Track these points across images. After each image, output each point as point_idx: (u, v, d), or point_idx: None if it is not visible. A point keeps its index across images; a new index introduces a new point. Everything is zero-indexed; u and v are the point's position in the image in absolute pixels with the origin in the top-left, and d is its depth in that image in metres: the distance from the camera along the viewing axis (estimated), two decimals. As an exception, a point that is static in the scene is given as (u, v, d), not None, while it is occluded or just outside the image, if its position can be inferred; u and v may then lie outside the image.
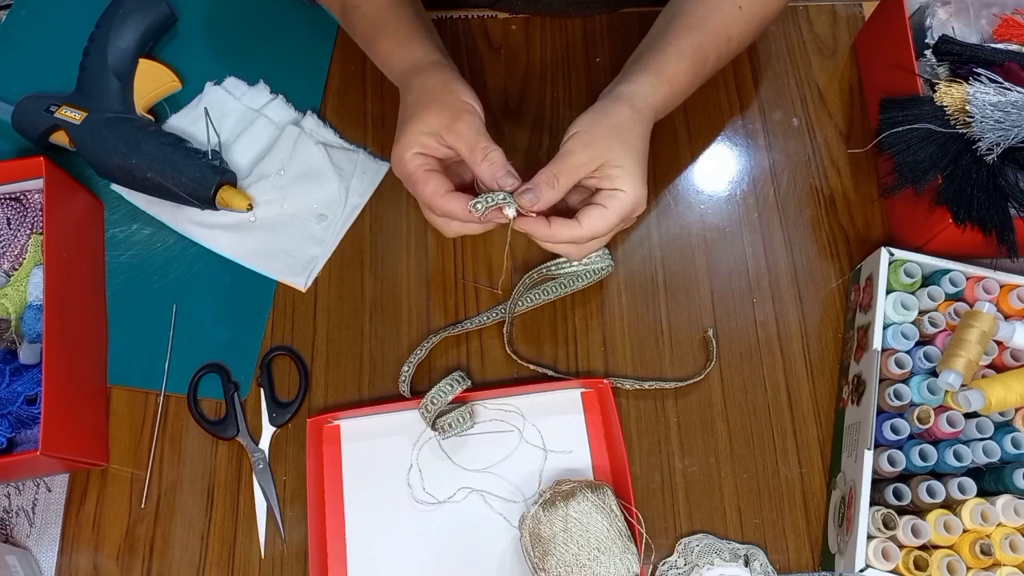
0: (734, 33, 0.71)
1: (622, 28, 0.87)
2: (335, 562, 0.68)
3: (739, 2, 0.71)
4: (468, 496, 0.70)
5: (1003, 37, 0.75)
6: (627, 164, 0.63)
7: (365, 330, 0.76)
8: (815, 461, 0.72)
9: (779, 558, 0.69)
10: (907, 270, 0.70)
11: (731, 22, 0.71)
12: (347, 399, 0.74)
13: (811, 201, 0.81)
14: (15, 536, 0.70)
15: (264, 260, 0.78)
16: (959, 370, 0.64)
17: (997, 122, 0.67)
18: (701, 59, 0.70)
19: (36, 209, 0.75)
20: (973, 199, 0.67)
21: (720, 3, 0.71)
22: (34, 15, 0.88)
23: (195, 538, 0.70)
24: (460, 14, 0.88)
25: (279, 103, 0.83)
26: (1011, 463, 0.65)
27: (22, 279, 0.72)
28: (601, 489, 0.65)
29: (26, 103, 0.78)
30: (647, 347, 0.75)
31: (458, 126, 0.63)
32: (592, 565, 0.62)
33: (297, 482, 0.71)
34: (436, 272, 0.78)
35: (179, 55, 0.85)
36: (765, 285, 0.77)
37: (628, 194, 0.62)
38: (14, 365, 0.68)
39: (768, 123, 0.84)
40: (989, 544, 0.62)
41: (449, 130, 0.63)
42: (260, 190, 0.79)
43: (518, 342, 0.76)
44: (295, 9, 0.87)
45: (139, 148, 0.75)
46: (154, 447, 0.72)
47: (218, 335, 0.75)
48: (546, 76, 0.85)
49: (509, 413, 0.72)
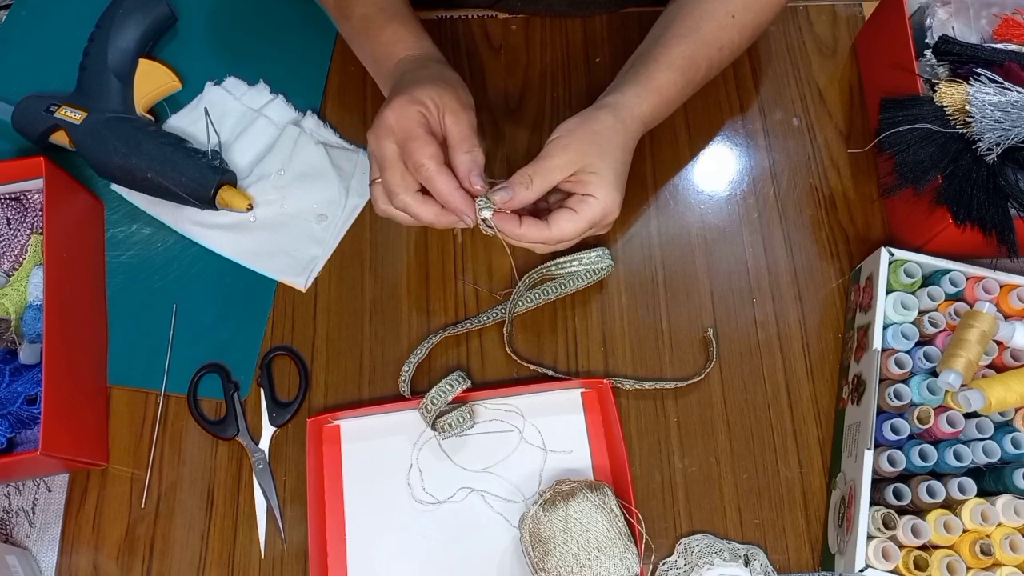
0: (726, 42, 0.72)
1: (622, 28, 0.87)
2: (335, 562, 0.68)
3: (732, 11, 0.71)
4: (468, 496, 0.70)
5: (1003, 37, 0.75)
6: (602, 171, 0.63)
7: (365, 330, 0.76)
8: (815, 461, 0.72)
9: (779, 558, 0.69)
10: (907, 270, 0.70)
11: (724, 31, 0.71)
12: (347, 399, 0.74)
13: (811, 201, 0.81)
14: (15, 536, 0.70)
15: (264, 260, 0.78)
16: (959, 370, 0.64)
17: (997, 122, 0.67)
18: (692, 68, 0.70)
19: (36, 209, 0.75)
20: (973, 199, 0.67)
21: (713, 12, 0.71)
22: (34, 15, 0.88)
23: (195, 538, 0.70)
24: (460, 14, 0.88)
25: (279, 103, 0.83)
26: (1011, 463, 0.65)
27: (22, 279, 0.72)
28: (601, 489, 0.65)
29: (26, 103, 0.78)
30: (647, 347, 0.75)
31: (462, 115, 0.63)
32: (592, 565, 0.62)
33: (297, 482, 0.71)
34: (436, 272, 0.78)
35: (179, 55, 0.85)
36: (765, 285, 0.77)
37: (599, 201, 0.63)
38: (14, 365, 0.68)
39: (768, 123, 0.84)
40: (989, 544, 0.62)
41: (454, 113, 0.63)
42: (260, 190, 0.79)
43: (518, 342, 0.76)
44: (295, 9, 0.87)
45: (139, 148, 0.75)
46: (154, 447, 0.72)
47: (218, 335, 0.75)
48: (546, 76, 0.85)
49: (509, 413, 0.72)
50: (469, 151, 0.62)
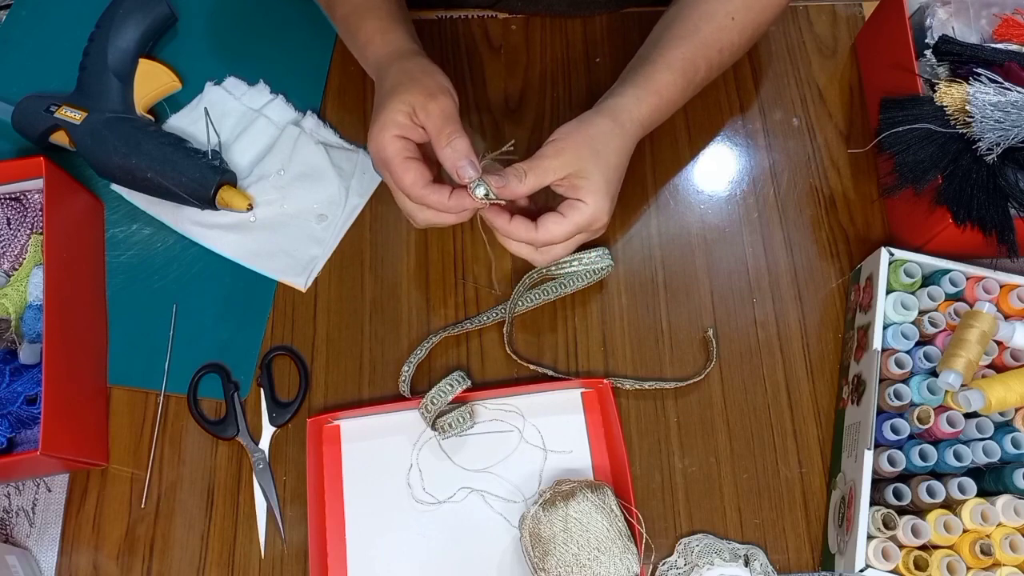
0: (726, 44, 0.72)
1: (622, 28, 0.87)
2: (335, 562, 0.68)
3: (732, 12, 0.71)
4: (468, 496, 0.70)
5: (1003, 37, 0.75)
6: (593, 176, 0.63)
7: (365, 330, 0.76)
8: (815, 461, 0.72)
9: (779, 558, 0.69)
10: (907, 270, 0.70)
11: (724, 33, 0.71)
12: (347, 399, 0.74)
13: (811, 201, 0.81)
14: (15, 536, 0.70)
15: (264, 260, 0.78)
16: (959, 370, 0.64)
17: (997, 122, 0.67)
18: (692, 70, 0.70)
19: (36, 209, 0.75)
20: (973, 199, 0.67)
21: (713, 14, 0.71)
22: (34, 15, 0.88)
23: (195, 538, 0.70)
24: (460, 14, 0.88)
25: (279, 103, 0.83)
26: (1011, 463, 0.65)
27: (22, 279, 0.72)
28: (601, 489, 0.65)
29: (26, 103, 0.78)
30: (647, 347, 0.75)
31: (431, 105, 0.62)
32: (592, 565, 0.62)
33: (297, 482, 0.71)
34: (436, 272, 0.78)
35: (179, 55, 0.85)
36: (765, 285, 0.77)
37: (588, 206, 0.63)
38: (14, 365, 0.68)
39: (768, 123, 0.84)
40: (989, 544, 0.62)
41: (422, 108, 0.62)
42: (260, 190, 0.79)
43: (518, 342, 0.76)
44: (295, 9, 0.87)
45: (139, 148, 0.75)
46: (154, 447, 0.72)
47: (218, 335, 0.75)
48: (546, 76, 0.85)
49: (509, 413, 0.72)
50: (448, 142, 0.61)
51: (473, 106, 0.84)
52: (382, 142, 0.63)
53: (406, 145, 0.63)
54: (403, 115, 0.63)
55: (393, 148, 0.63)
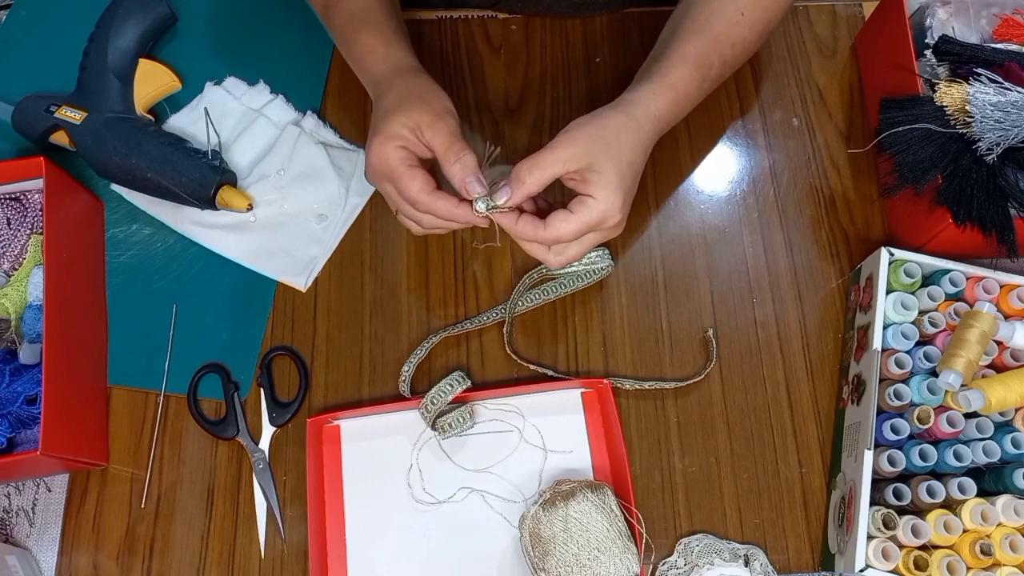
0: (738, 39, 0.71)
1: (622, 28, 0.87)
2: (335, 562, 0.68)
3: (741, 8, 0.71)
4: (468, 496, 0.70)
5: (1003, 37, 0.75)
6: (605, 171, 0.62)
7: (365, 330, 0.76)
8: (815, 461, 0.72)
9: (779, 558, 0.69)
10: (907, 270, 0.70)
11: (734, 28, 0.71)
12: (347, 399, 0.74)
13: (811, 201, 0.81)
14: (15, 536, 0.70)
15: (264, 260, 0.78)
16: (959, 370, 0.64)
17: (997, 122, 0.67)
18: (706, 64, 0.69)
19: (36, 209, 0.75)
20: (973, 199, 0.67)
21: (722, 10, 0.70)
22: (34, 15, 0.88)
23: (195, 538, 0.70)
24: (460, 14, 0.88)
25: (279, 103, 0.83)
26: (1011, 463, 0.65)
27: (22, 279, 0.72)
28: (601, 489, 0.65)
29: (26, 103, 0.78)
30: (647, 347, 0.75)
31: (439, 124, 0.63)
32: (592, 565, 0.62)
33: (297, 482, 0.71)
34: (436, 272, 0.78)
35: (179, 55, 0.85)
36: (765, 285, 0.77)
37: (598, 203, 0.62)
38: (14, 365, 0.68)
39: (768, 123, 0.84)
40: (989, 544, 0.62)
41: (429, 126, 0.63)
42: (260, 190, 0.79)
43: (518, 342, 0.76)
44: (295, 9, 0.87)
45: (139, 148, 0.75)
46: (154, 447, 0.72)
47: (218, 335, 0.75)
48: (546, 76, 0.85)
49: (509, 413, 0.72)
50: (457, 159, 0.62)
51: (473, 106, 0.84)
52: (385, 152, 0.64)
53: (409, 155, 0.64)
54: (408, 130, 0.63)
55: (396, 157, 0.63)
